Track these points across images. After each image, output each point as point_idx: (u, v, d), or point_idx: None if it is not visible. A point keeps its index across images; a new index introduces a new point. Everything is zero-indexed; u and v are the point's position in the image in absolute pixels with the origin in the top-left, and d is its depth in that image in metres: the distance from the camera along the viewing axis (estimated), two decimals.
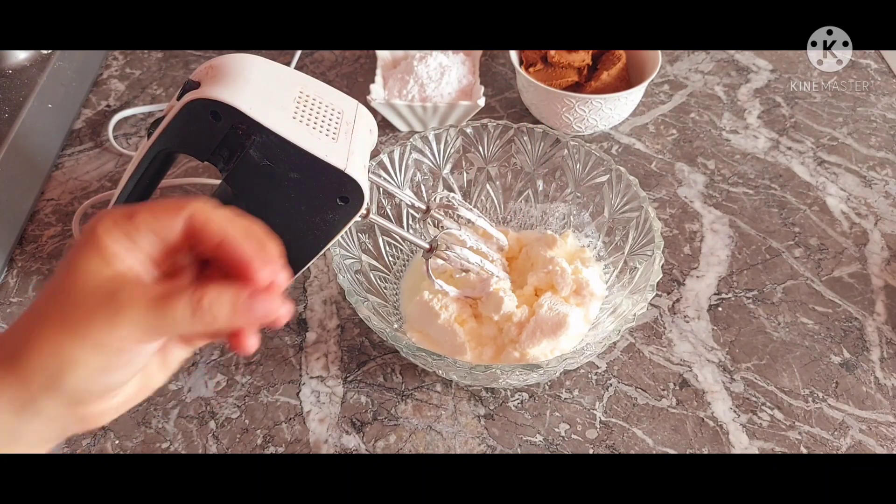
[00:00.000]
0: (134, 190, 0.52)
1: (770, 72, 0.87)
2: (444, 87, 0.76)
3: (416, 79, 0.75)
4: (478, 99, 0.73)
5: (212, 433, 0.54)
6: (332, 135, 0.46)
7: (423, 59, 0.77)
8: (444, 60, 0.77)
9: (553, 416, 0.55)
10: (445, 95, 0.76)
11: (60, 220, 0.69)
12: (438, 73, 0.76)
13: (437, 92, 0.75)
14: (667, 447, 0.53)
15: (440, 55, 0.77)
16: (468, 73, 0.78)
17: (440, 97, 0.76)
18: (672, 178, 0.74)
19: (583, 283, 0.56)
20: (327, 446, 0.53)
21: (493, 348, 0.56)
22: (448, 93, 0.76)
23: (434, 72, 0.76)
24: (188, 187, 0.72)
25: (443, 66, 0.77)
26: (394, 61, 0.82)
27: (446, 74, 0.76)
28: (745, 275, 0.65)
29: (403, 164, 0.61)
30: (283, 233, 0.50)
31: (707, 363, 0.58)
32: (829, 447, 0.53)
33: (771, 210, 0.71)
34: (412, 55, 0.78)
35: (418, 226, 0.63)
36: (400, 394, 0.56)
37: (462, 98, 0.76)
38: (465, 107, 0.73)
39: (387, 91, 0.77)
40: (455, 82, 0.76)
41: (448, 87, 0.76)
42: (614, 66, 0.75)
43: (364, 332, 0.60)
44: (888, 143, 0.78)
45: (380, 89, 0.77)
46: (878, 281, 0.64)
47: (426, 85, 0.75)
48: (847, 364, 0.58)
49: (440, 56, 0.77)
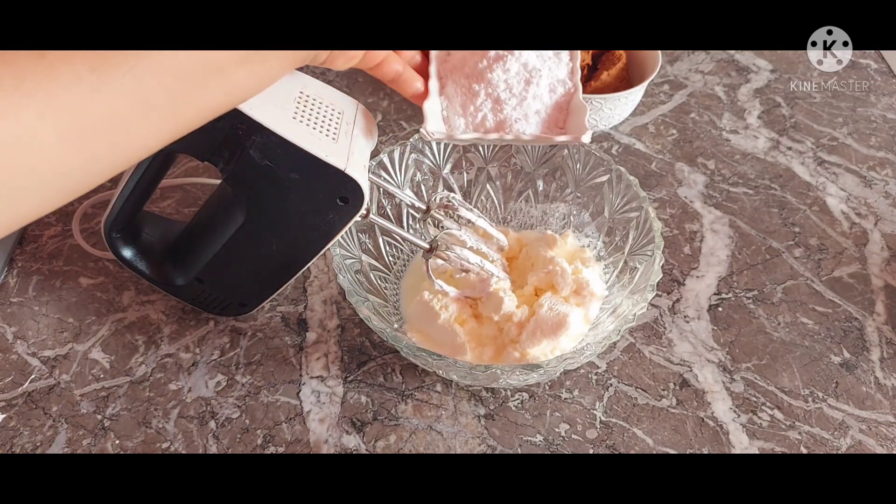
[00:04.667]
0: (134, 190, 0.52)
1: (770, 72, 0.87)
2: (530, 103, 0.50)
3: (490, 90, 0.50)
4: (581, 133, 0.48)
5: (212, 433, 0.54)
6: (332, 135, 0.46)
7: (501, 59, 0.49)
8: (532, 59, 0.50)
9: (553, 416, 0.55)
10: (532, 118, 0.50)
11: (60, 220, 0.69)
12: (522, 81, 0.50)
13: (520, 113, 0.50)
14: (667, 447, 0.53)
15: (527, 51, 0.50)
16: (566, 75, 0.51)
17: (525, 122, 0.50)
18: (672, 178, 0.74)
19: (583, 283, 0.56)
20: (327, 446, 0.53)
21: (493, 348, 0.56)
22: (536, 111, 0.50)
23: (516, 79, 0.50)
24: (188, 187, 0.72)
25: (529, 69, 0.50)
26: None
27: (534, 83, 0.50)
28: (745, 275, 0.65)
29: (403, 164, 0.61)
30: (283, 233, 0.51)
31: (707, 363, 0.58)
32: (829, 447, 0.53)
33: (771, 210, 0.71)
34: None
35: (418, 226, 0.63)
36: (400, 394, 0.56)
37: (555, 125, 0.51)
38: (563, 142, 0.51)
39: (444, 100, 0.51)
40: (546, 94, 0.50)
41: (536, 102, 0.50)
42: (614, 66, 0.75)
43: (364, 332, 0.60)
44: (888, 143, 0.78)
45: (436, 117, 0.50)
46: (878, 281, 0.64)
47: (504, 102, 0.49)
48: (847, 364, 0.58)
49: (526, 53, 0.50)
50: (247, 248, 0.52)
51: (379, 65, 0.46)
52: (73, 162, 0.31)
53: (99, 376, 0.57)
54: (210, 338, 0.60)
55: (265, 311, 0.62)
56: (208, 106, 0.35)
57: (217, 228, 0.52)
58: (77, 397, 0.56)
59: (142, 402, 0.56)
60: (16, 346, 0.59)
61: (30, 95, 0.28)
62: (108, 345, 0.59)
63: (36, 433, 0.54)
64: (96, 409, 0.55)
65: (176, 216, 0.69)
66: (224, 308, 0.59)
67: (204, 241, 0.54)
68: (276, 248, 0.51)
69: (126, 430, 0.54)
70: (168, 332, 0.60)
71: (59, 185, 0.31)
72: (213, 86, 0.34)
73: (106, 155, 0.32)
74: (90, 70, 0.29)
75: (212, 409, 0.55)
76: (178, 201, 0.71)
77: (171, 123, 0.34)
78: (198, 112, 0.35)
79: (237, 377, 0.57)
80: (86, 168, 0.32)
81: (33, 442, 0.53)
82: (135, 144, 0.33)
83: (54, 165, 0.30)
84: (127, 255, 0.57)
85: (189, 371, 0.58)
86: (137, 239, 0.57)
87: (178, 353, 0.59)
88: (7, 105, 0.28)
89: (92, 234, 0.68)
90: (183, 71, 0.32)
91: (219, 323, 0.61)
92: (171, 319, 0.61)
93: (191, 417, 0.55)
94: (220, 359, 0.59)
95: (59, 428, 0.54)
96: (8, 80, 0.28)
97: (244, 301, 0.58)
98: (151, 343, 0.60)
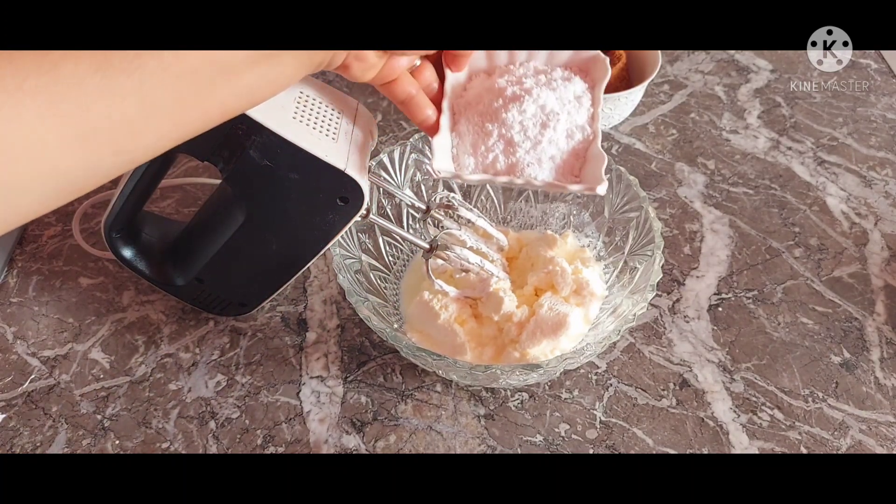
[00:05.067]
0: (134, 190, 0.52)
1: (770, 72, 0.87)
2: (545, 148, 0.47)
3: (503, 130, 0.47)
4: (597, 185, 0.45)
5: (212, 433, 0.54)
6: (332, 135, 0.46)
7: (518, 99, 0.47)
8: (550, 102, 0.47)
9: (553, 416, 0.55)
10: (546, 163, 0.47)
11: (60, 220, 0.69)
12: (538, 123, 0.47)
13: (533, 157, 0.47)
14: (667, 447, 0.53)
15: (546, 93, 0.47)
16: (585, 121, 0.48)
17: (538, 167, 0.47)
18: (672, 178, 0.74)
19: (583, 283, 0.56)
20: (327, 446, 0.53)
21: (493, 348, 0.56)
22: (551, 156, 0.47)
23: (532, 121, 0.47)
24: (188, 187, 0.72)
25: (546, 111, 0.47)
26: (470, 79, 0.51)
27: (551, 128, 0.47)
28: (745, 275, 0.65)
29: (403, 164, 0.61)
30: (283, 233, 0.51)
31: (707, 363, 0.58)
32: (829, 447, 0.53)
33: (771, 210, 0.71)
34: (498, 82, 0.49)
35: (418, 226, 0.63)
36: (400, 394, 0.56)
37: (570, 172, 0.48)
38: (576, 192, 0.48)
39: (455, 137, 0.49)
40: (563, 139, 0.48)
41: (552, 147, 0.47)
42: (614, 66, 0.75)
43: (364, 332, 0.60)
44: (888, 143, 0.78)
45: (445, 154, 0.48)
46: (878, 281, 0.64)
47: (518, 144, 0.47)
48: (847, 364, 0.58)
49: (545, 95, 0.47)
50: (247, 248, 0.52)
51: (392, 83, 0.45)
52: (74, 163, 0.30)
53: (99, 376, 0.57)
54: (210, 338, 0.60)
55: (265, 311, 0.62)
56: (217, 110, 0.34)
57: (217, 228, 0.52)
58: (77, 397, 0.56)
59: (142, 402, 0.56)
60: (16, 346, 0.59)
61: (31, 95, 0.28)
62: (107, 345, 0.59)
63: (36, 433, 0.54)
64: (96, 409, 0.55)
65: (176, 216, 0.69)
66: (224, 308, 0.59)
67: (204, 241, 0.54)
68: (275, 248, 0.51)
69: (126, 430, 0.54)
70: (168, 332, 0.60)
71: (60, 186, 0.31)
72: (223, 89, 0.33)
73: (108, 157, 0.31)
74: (94, 71, 0.29)
75: (212, 410, 0.55)
76: (178, 201, 0.71)
77: (176, 127, 0.33)
78: (205, 116, 0.34)
79: (237, 377, 0.57)
80: (87, 169, 0.31)
81: (33, 442, 0.53)
82: (139, 147, 0.32)
83: (55, 166, 0.30)
84: (127, 255, 0.57)
85: (189, 371, 0.58)
86: (137, 239, 0.57)
87: (178, 353, 0.59)
88: (8, 104, 0.27)
89: (92, 234, 0.68)
90: (191, 73, 0.31)
91: (219, 323, 0.61)
92: (170, 319, 0.61)
93: (191, 417, 0.55)
94: (219, 359, 0.59)
95: (59, 428, 0.54)
96: (10, 80, 0.27)
97: (244, 301, 0.58)
98: (151, 343, 0.60)
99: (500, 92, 0.48)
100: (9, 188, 0.29)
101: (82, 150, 0.30)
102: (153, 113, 0.31)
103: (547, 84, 0.48)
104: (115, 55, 0.29)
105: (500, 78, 0.49)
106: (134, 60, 0.30)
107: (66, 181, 0.31)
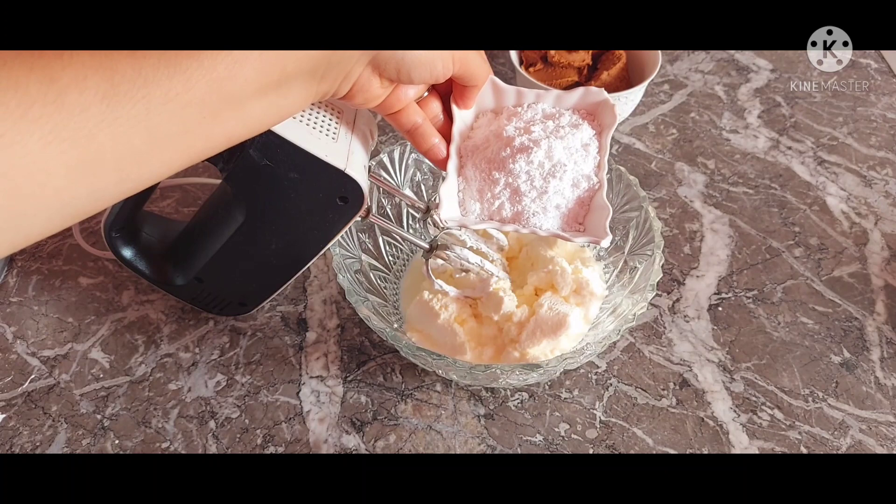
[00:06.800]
0: None
1: (770, 72, 0.87)
2: (551, 197, 0.47)
3: (510, 179, 0.47)
4: (601, 238, 0.45)
5: (212, 433, 0.54)
6: (331, 135, 0.46)
7: (526, 150, 0.46)
8: (558, 152, 0.47)
9: (553, 416, 0.55)
10: (551, 212, 0.47)
11: None
12: (545, 173, 0.47)
13: (539, 206, 0.47)
14: (667, 447, 0.53)
15: (554, 142, 0.47)
16: (591, 170, 0.48)
17: (543, 216, 0.47)
18: (672, 177, 0.74)
19: (583, 282, 0.56)
20: (327, 446, 0.53)
21: (493, 348, 0.56)
22: (556, 205, 0.47)
23: (539, 171, 0.47)
24: (188, 187, 0.72)
25: (553, 161, 0.47)
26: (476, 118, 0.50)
27: (557, 178, 0.47)
28: (745, 274, 0.65)
29: (403, 164, 0.61)
30: (283, 233, 0.51)
31: (707, 363, 0.58)
32: (829, 447, 0.53)
33: (771, 210, 0.71)
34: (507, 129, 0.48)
35: (418, 226, 0.63)
36: (400, 394, 0.56)
37: (575, 220, 0.48)
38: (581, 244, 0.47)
39: (462, 181, 0.49)
40: (569, 188, 0.47)
41: (557, 197, 0.47)
42: (614, 66, 0.75)
43: (364, 331, 0.60)
44: (888, 142, 0.78)
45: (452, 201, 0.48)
46: (878, 281, 0.64)
47: (524, 194, 0.47)
48: (847, 364, 0.58)
49: (555, 146, 0.47)
50: (246, 247, 0.52)
51: (398, 112, 0.45)
52: (78, 191, 0.30)
53: (98, 376, 0.57)
54: (210, 337, 0.60)
55: (265, 310, 0.62)
56: (222, 138, 0.34)
57: (217, 228, 0.52)
58: (77, 397, 0.56)
59: (141, 401, 0.56)
60: (15, 346, 0.59)
61: (36, 122, 0.27)
62: (107, 344, 0.59)
63: (35, 433, 0.54)
64: (96, 409, 0.55)
65: (176, 216, 0.69)
66: (224, 308, 0.59)
67: (204, 240, 0.54)
68: (275, 247, 0.51)
69: (126, 429, 0.54)
70: (168, 331, 0.60)
71: (65, 212, 0.31)
72: (229, 118, 0.33)
73: (113, 184, 0.31)
74: (101, 99, 0.29)
75: (211, 409, 0.55)
76: (178, 201, 0.71)
77: (181, 154, 0.33)
78: (210, 143, 0.34)
79: (237, 377, 0.57)
80: (92, 196, 0.31)
81: (33, 442, 0.53)
82: (143, 174, 0.32)
83: (59, 193, 0.29)
84: (127, 255, 0.57)
85: (189, 371, 0.58)
86: (137, 239, 0.57)
87: (178, 353, 0.59)
88: (13, 131, 0.27)
89: (92, 233, 0.68)
90: (197, 103, 0.31)
91: (218, 323, 0.61)
92: (170, 319, 0.61)
93: (190, 417, 0.55)
94: (219, 358, 0.59)
95: (59, 428, 0.54)
96: (15, 107, 0.27)
97: (244, 301, 0.58)
98: (151, 343, 0.60)
99: (509, 141, 0.47)
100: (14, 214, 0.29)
101: (87, 178, 0.30)
102: (158, 141, 0.31)
103: (555, 132, 0.48)
104: (122, 83, 0.29)
105: (508, 123, 0.48)
106: (141, 89, 0.29)
107: (71, 207, 0.31)
